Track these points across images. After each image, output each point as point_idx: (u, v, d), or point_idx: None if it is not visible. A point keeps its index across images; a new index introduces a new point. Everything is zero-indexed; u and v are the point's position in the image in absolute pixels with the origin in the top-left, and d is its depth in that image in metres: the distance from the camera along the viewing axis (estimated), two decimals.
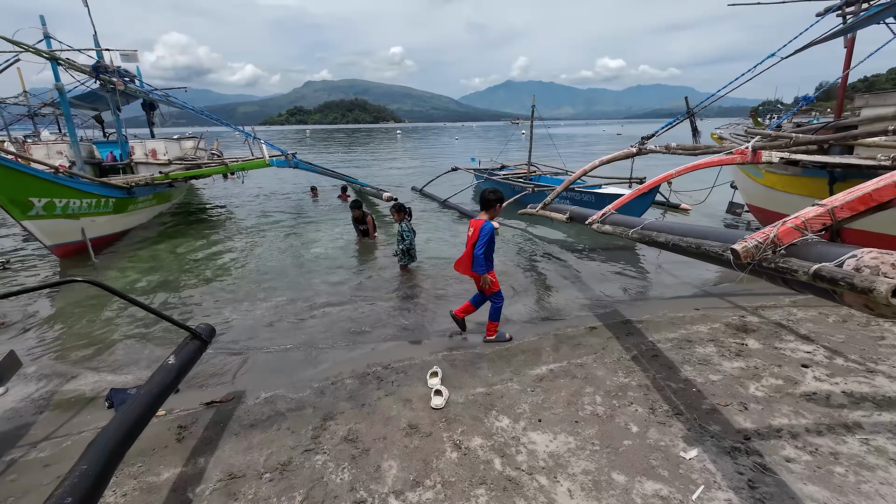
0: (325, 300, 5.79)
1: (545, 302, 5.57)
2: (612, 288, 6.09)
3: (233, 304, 5.70)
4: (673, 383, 3.41)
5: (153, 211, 10.52)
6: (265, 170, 16.32)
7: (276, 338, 4.78)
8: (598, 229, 4.59)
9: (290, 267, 7.16)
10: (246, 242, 8.68)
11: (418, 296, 5.89)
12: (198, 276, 6.82)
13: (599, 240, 8.37)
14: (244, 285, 6.38)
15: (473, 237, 4.06)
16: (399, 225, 6.60)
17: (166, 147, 10.03)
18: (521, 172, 14.17)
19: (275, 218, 10.83)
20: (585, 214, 5.40)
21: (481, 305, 4.58)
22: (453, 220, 10.38)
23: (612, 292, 5.87)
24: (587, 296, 5.76)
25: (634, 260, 7.45)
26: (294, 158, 9.93)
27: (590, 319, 4.91)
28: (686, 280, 6.31)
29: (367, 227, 8.31)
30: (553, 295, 5.83)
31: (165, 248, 8.33)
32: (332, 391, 3.62)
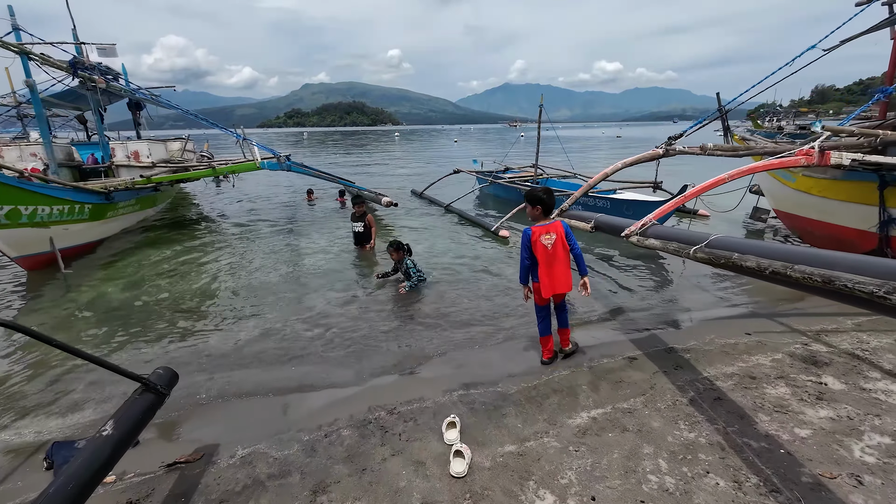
0: (317, 322, 5.09)
1: (571, 324, 4.87)
2: (640, 303, 5.42)
3: (212, 327, 5.00)
4: (752, 440, 2.73)
5: (137, 217, 9.80)
6: (259, 173, 15.72)
7: (260, 370, 4.08)
8: (639, 243, 3.91)
9: (279, 281, 6.45)
10: (234, 252, 7.97)
11: (423, 315, 5.20)
12: (176, 292, 6.11)
13: (615, 246, 7.70)
14: (228, 303, 5.68)
15: (562, 239, 3.54)
16: (403, 264, 5.93)
17: (150, 149, 9.33)
18: (527, 175, 13.51)
19: (267, 224, 10.13)
20: (616, 224, 4.72)
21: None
22: (457, 226, 9.69)
23: (643, 310, 5.19)
24: (616, 315, 5.09)
25: (657, 269, 6.78)
26: (286, 161, 9.24)
27: (626, 347, 4.23)
28: (720, 294, 5.64)
29: (367, 227, 7.63)
30: (577, 314, 5.14)
31: (145, 258, 7.61)
32: (325, 447, 2.92)
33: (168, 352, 4.44)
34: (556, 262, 3.50)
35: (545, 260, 3.49)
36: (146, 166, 9.20)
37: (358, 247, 7.82)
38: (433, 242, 8.40)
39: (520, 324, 4.83)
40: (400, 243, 5.95)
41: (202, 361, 4.25)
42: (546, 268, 3.49)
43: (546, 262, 3.49)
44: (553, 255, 3.48)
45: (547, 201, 3.57)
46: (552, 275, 3.51)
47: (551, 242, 3.47)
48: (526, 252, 3.55)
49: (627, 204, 8.59)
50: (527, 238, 3.52)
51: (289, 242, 8.50)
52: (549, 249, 3.47)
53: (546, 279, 3.52)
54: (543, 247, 3.47)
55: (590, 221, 5.47)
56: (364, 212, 7.62)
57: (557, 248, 3.49)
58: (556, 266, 3.50)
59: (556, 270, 3.51)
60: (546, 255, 3.48)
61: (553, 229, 3.51)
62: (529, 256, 3.56)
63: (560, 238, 3.51)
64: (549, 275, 3.51)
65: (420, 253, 7.61)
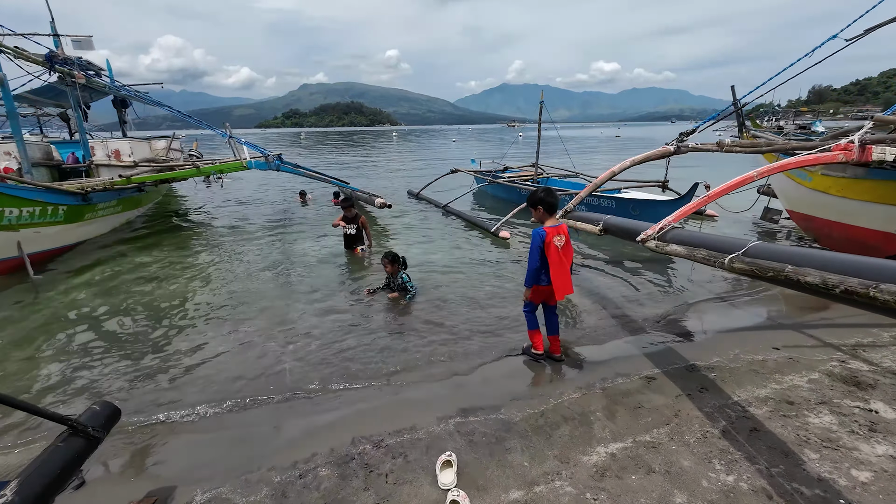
0: (299, 337, 4.64)
1: (578, 335, 4.45)
2: (651, 311, 5.00)
3: (185, 344, 4.55)
4: (804, 486, 2.30)
5: (119, 218, 9.34)
6: (252, 173, 15.30)
7: (231, 394, 3.63)
8: (658, 249, 3.49)
9: (264, 290, 6.00)
10: (219, 257, 7.52)
11: (416, 327, 4.76)
12: (153, 301, 5.66)
13: (618, 247, 7.27)
14: (205, 314, 5.23)
15: (569, 241, 3.50)
16: (398, 278, 5.50)
17: (132, 147, 8.86)
18: (527, 175, 13.10)
19: (257, 226, 9.67)
20: (628, 227, 4.30)
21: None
22: (455, 228, 9.26)
23: (655, 319, 4.77)
24: (626, 324, 4.66)
25: (663, 272, 6.36)
26: (275, 160, 8.78)
27: (641, 363, 3.80)
28: (736, 300, 5.22)
29: (360, 229, 7.20)
30: (585, 324, 4.72)
31: (125, 263, 7.15)
32: (298, 492, 2.49)
33: (129, 374, 3.99)
34: (565, 265, 3.40)
35: (557, 262, 3.34)
36: (128, 166, 8.73)
37: (348, 250, 7.38)
38: (430, 245, 7.97)
39: (522, 337, 4.39)
40: (395, 255, 5.51)
41: (166, 385, 3.79)
42: (556, 269, 3.36)
43: (557, 265, 3.35)
44: (563, 257, 3.37)
45: (547, 200, 3.41)
46: (562, 277, 3.39)
47: (562, 244, 3.36)
48: (539, 254, 3.36)
49: (634, 203, 8.17)
50: (541, 239, 3.33)
51: (278, 247, 8.04)
52: (561, 251, 3.35)
53: (558, 282, 3.39)
54: (556, 248, 3.32)
55: (598, 224, 5.05)
56: (356, 213, 7.19)
57: (567, 250, 3.41)
58: (565, 268, 3.40)
59: (565, 273, 3.41)
60: (558, 257, 3.34)
61: (563, 231, 3.41)
62: (541, 259, 3.37)
63: (568, 240, 3.44)
64: (560, 277, 3.38)
65: (415, 256, 7.19)
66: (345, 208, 7.13)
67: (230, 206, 12.49)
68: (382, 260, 5.55)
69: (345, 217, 7.24)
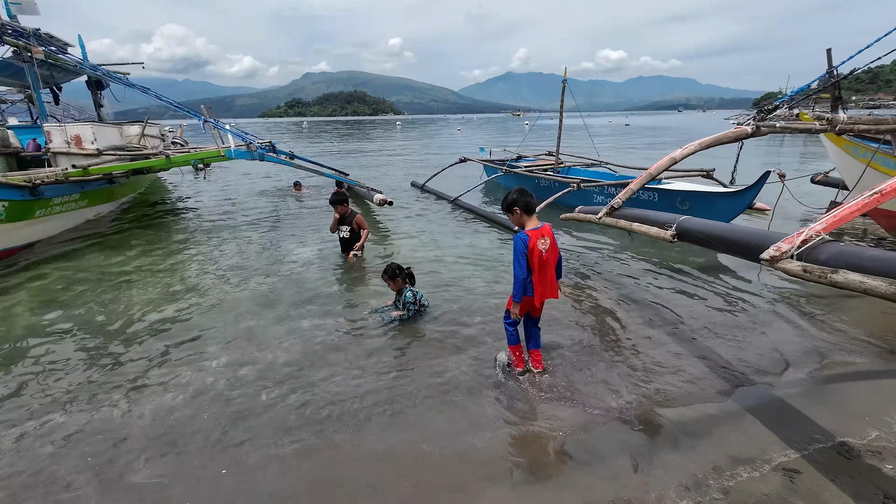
0: (277, 368, 3.51)
1: (651, 391, 3.23)
2: (734, 346, 3.76)
3: (130, 380, 3.39)
4: None
5: (83, 214, 8.15)
6: (246, 163, 14.09)
7: (168, 471, 2.47)
8: (814, 276, 2.25)
9: (240, 305, 4.82)
10: (192, 261, 6.34)
11: (421, 355, 3.60)
12: (111, 315, 4.50)
13: (650, 249, 6.01)
14: (169, 336, 4.07)
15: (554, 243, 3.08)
16: (402, 294, 4.35)
17: (95, 133, 7.65)
18: (545, 163, 11.79)
19: (244, 223, 8.45)
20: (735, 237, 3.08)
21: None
22: (467, 225, 8.02)
23: (756, 362, 3.53)
24: (713, 368, 3.44)
25: (717, 283, 5.08)
26: (259, 149, 7.52)
27: (762, 439, 2.59)
28: (854, 334, 3.98)
29: (355, 231, 5.99)
30: (656, 373, 3.50)
31: (88, 267, 5.98)
32: None
33: (44, 431, 2.84)
34: (548, 269, 3.09)
35: (539, 267, 3.02)
36: (90, 154, 7.53)
37: (345, 255, 6.18)
38: (439, 247, 6.74)
39: (582, 395, 3.20)
40: (395, 269, 4.31)
41: (84, 451, 2.64)
42: (541, 275, 3.04)
43: (540, 270, 3.03)
44: (546, 261, 3.04)
45: (522, 200, 3.02)
46: (544, 282, 3.08)
47: (546, 248, 3.02)
48: (524, 261, 2.96)
49: (683, 196, 6.87)
50: (524, 245, 2.95)
51: (264, 249, 6.82)
52: (545, 256, 3.01)
53: (539, 287, 3.06)
54: (540, 253, 2.98)
55: (668, 227, 3.81)
56: (349, 212, 5.96)
57: (551, 253, 3.06)
58: (548, 272, 3.10)
59: (549, 277, 3.11)
60: (541, 261, 3.01)
61: (546, 233, 3.04)
62: (527, 265, 2.98)
63: (553, 242, 3.07)
64: (542, 282, 3.07)
65: (421, 261, 5.98)
66: (335, 206, 5.89)
67: (218, 198, 11.27)
68: (382, 276, 4.36)
69: (336, 218, 6.01)
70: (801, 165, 15.54)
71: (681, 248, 6.31)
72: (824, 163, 15.07)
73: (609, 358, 3.60)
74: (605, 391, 3.15)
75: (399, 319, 4.29)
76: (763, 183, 5.85)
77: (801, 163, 16.55)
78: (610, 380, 3.30)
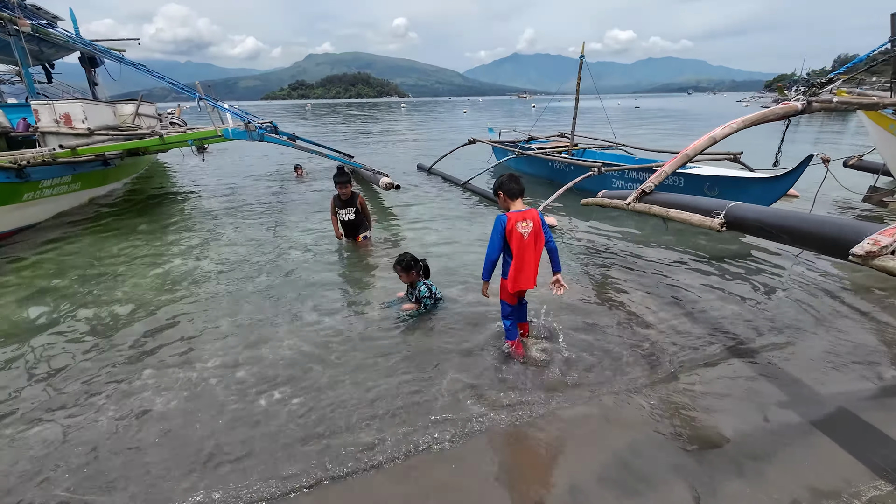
0: (278, 370, 3.16)
1: (705, 400, 2.86)
2: (809, 359, 3.37)
3: (110, 390, 3.05)
4: None
5: (76, 198, 7.79)
6: (246, 145, 13.62)
7: (153, 487, 2.14)
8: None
9: (239, 295, 4.48)
10: (191, 248, 5.99)
11: (438, 356, 3.24)
12: (100, 308, 4.17)
13: (697, 241, 5.58)
14: (149, 339, 3.72)
15: (538, 228, 2.94)
16: (416, 289, 3.96)
17: (86, 112, 7.22)
18: (559, 145, 11.25)
19: (245, 208, 8.06)
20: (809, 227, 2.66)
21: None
22: (479, 211, 7.60)
23: (820, 370, 3.15)
24: (775, 379, 3.06)
25: (782, 279, 4.66)
26: (259, 129, 7.07)
27: (842, 463, 2.22)
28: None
29: (359, 212, 5.62)
30: (710, 378, 3.12)
31: (80, 255, 5.66)
32: None
33: (17, 444, 2.52)
34: (528, 254, 2.95)
35: (518, 251, 2.93)
36: (80, 134, 7.13)
37: (351, 240, 5.81)
38: (451, 234, 6.34)
39: (617, 421, 2.83)
40: (410, 260, 3.92)
41: (58, 469, 2.32)
42: (518, 260, 2.96)
43: (519, 254, 2.94)
44: (527, 245, 2.93)
45: (507, 185, 3.00)
46: (523, 268, 2.97)
47: (528, 231, 2.92)
48: (500, 241, 2.94)
49: (712, 181, 6.39)
50: (501, 225, 2.93)
51: (266, 234, 6.45)
52: (525, 239, 2.91)
53: (517, 272, 2.98)
54: (519, 235, 2.91)
55: (715, 214, 3.39)
56: (353, 193, 5.56)
57: (532, 238, 2.93)
58: (529, 258, 2.96)
59: (528, 264, 2.98)
60: (521, 245, 2.92)
61: (530, 216, 2.94)
62: (501, 247, 2.97)
63: (536, 227, 2.95)
64: (521, 268, 2.97)
65: (431, 249, 5.59)
66: (341, 186, 5.49)
67: (218, 181, 10.87)
68: (395, 267, 3.98)
69: (339, 198, 5.62)
70: (814, 148, 14.87)
71: (707, 235, 5.88)
72: (837, 145, 14.43)
73: (648, 365, 3.22)
74: (649, 404, 2.78)
75: (413, 315, 3.92)
76: (804, 168, 5.36)
77: (814, 145, 15.87)
78: (652, 391, 2.92)
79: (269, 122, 8.55)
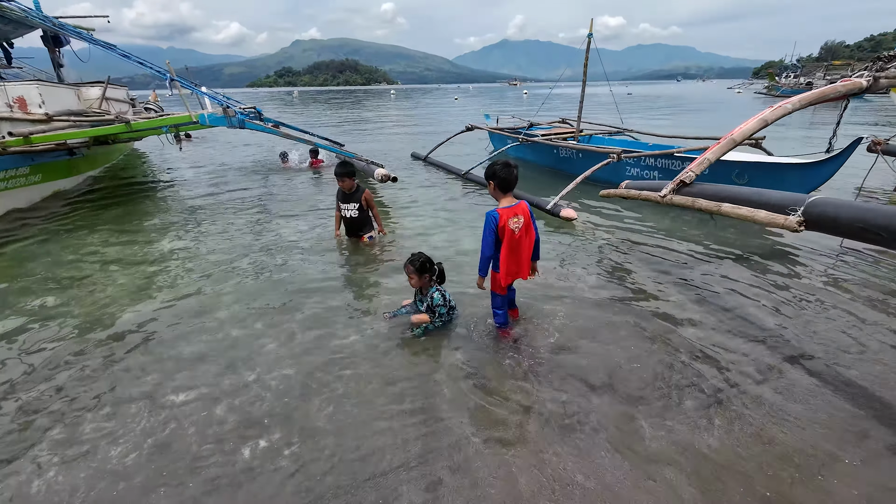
0: (266, 404, 2.56)
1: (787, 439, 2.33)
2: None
3: (64, 429, 2.43)
4: None
5: (36, 192, 7.01)
6: (229, 132, 12.79)
7: None
8: None
9: (220, 306, 3.85)
10: (168, 247, 5.31)
11: (458, 382, 2.69)
12: (37, 335, 3.51)
13: (725, 236, 5.05)
14: (117, 356, 3.10)
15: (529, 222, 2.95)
16: (428, 295, 3.36)
17: (43, 95, 6.40)
18: (564, 131, 10.64)
19: (227, 203, 7.27)
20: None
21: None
22: (483, 204, 7.00)
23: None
24: (855, 418, 2.55)
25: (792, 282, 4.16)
26: (239, 115, 6.32)
27: None
28: None
29: (364, 209, 4.98)
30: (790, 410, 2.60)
31: (36, 257, 4.97)
32: None
33: None
34: (521, 249, 2.97)
35: (510, 246, 2.91)
36: (37, 120, 6.34)
37: (352, 239, 5.17)
38: (455, 230, 5.73)
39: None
40: (425, 261, 3.32)
41: None
42: (510, 254, 2.94)
43: (510, 249, 2.92)
44: (519, 240, 2.92)
45: (500, 174, 2.87)
46: (517, 262, 2.99)
47: (519, 226, 2.88)
48: (493, 238, 2.90)
49: (742, 168, 5.85)
50: (493, 222, 2.86)
51: (252, 233, 5.76)
52: (517, 234, 2.89)
53: (509, 266, 2.98)
54: (511, 231, 2.87)
55: (790, 210, 2.83)
56: (358, 187, 4.93)
57: (524, 232, 2.92)
58: (522, 252, 2.98)
59: (522, 257, 3.00)
60: (512, 240, 2.90)
61: (521, 211, 2.90)
62: (494, 244, 2.92)
63: (527, 220, 2.94)
64: (514, 261, 2.98)
65: (436, 246, 4.99)
66: (340, 178, 4.86)
67: (199, 172, 10.08)
68: (406, 267, 3.37)
69: (341, 192, 4.99)
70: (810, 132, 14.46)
71: (736, 226, 5.36)
72: (842, 132, 14.00)
73: (704, 397, 2.68)
74: (708, 445, 2.25)
75: (425, 328, 3.34)
76: (850, 153, 4.83)
77: (809, 129, 15.47)
78: (717, 432, 2.38)
79: (251, 108, 7.83)
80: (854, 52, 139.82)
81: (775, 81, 55.11)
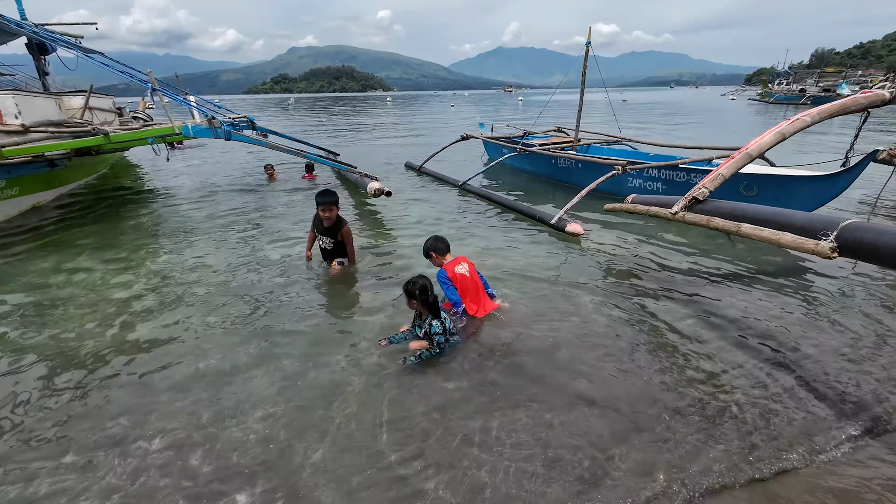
0: (249, 454, 2.29)
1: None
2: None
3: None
4: None
5: (13, 205, 6.69)
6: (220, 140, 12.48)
7: None
8: None
9: (200, 335, 3.57)
10: (145, 269, 5.02)
11: (467, 424, 2.41)
12: (27, 350, 3.23)
13: (738, 252, 4.82)
14: (80, 394, 2.81)
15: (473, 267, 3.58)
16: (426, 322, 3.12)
17: (19, 105, 6.11)
18: (560, 141, 10.45)
19: (210, 221, 6.78)
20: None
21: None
22: (484, 218, 6.74)
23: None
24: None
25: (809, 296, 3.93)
26: (225, 126, 6.04)
27: None
28: None
29: (340, 242, 4.62)
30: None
31: (12, 277, 4.68)
32: None
33: None
34: (476, 288, 3.52)
35: (464, 289, 3.46)
36: (12, 131, 6.06)
37: (327, 262, 4.80)
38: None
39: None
40: (425, 285, 3.06)
41: None
42: (470, 294, 3.49)
43: (464, 291, 3.46)
44: (469, 282, 3.48)
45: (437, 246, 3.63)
46: (477, 300, 3.52)
47: (466, 271, 3.48)
48: (454, 289, 3.44)
49: (750, 181, 5.61)
50: (444, 276, 3.45)
51: (234, 253, 5.40)
52: (468, 276, 3.47)
53: (474, 305, 3.51)
54: (462, 276, 3.45)
55: (823, 235, 2.60)
56: (339, 219, 4.51)
57: (473, 274, 3.52)
58: (477, 291, 3.52)
59: (480, 295, 3.54)
60: (465, 283, 3.45)
61: (463, 260, 3.57)
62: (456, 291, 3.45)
63: (470, 266, 3.53)
64: (475, 300, 3.51)
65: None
66: (321, 207, 4.39)
67: (186, 185, 9.73)
68: (405, 291, 3.11)
69: (318, 221, 4.57)
70: (804, 138, 14.36)
71: (745, 244, 5.12)
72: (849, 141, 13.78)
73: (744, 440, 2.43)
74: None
75: (420, 355, 3.07)
76: (865, 166, 4.64)
77: (804, 134, 15.38)
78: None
79: (243, 117, 7.58)
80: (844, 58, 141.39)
81: (768, 88, 55.56)
